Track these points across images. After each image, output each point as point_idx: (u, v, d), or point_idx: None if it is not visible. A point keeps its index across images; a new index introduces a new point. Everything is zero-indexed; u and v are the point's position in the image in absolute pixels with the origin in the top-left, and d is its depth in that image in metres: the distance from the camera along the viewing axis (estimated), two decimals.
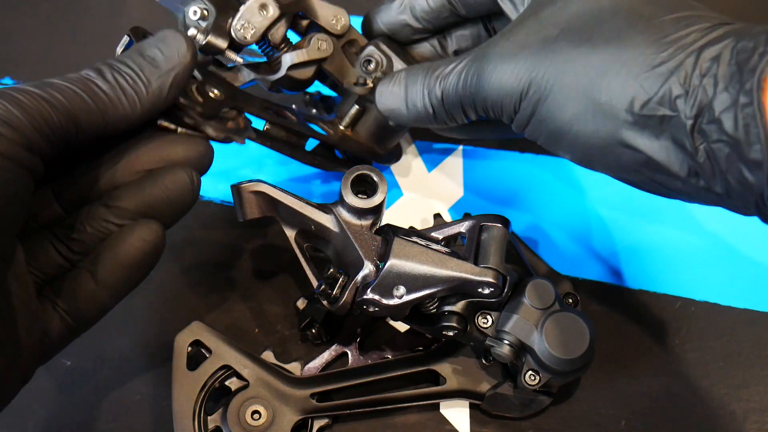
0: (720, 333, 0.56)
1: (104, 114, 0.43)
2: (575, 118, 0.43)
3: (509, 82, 0.45)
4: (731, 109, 0.38)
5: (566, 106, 0.43)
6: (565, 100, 0.43)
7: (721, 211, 0.59)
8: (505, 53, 0.45)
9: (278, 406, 0.50)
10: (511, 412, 0.52)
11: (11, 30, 0.69)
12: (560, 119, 0.44)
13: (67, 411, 0.53)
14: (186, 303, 0.57)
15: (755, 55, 0.37)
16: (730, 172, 0.39)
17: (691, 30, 0.40)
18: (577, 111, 0.43)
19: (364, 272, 0.47)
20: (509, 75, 0.45)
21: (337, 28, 0.56)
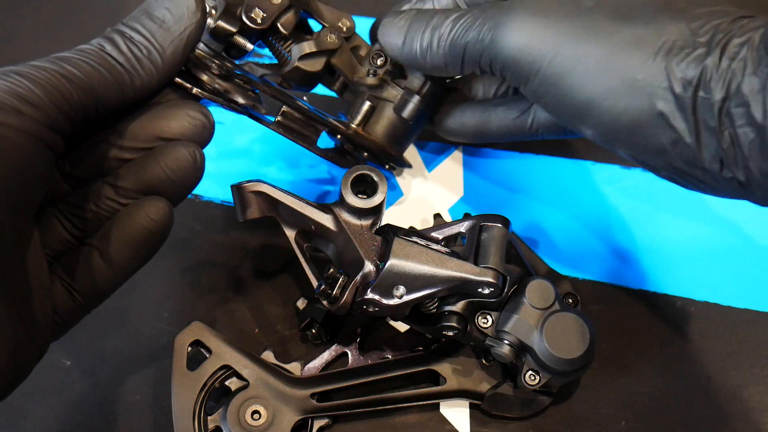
0: (720, 333, 0.56)
1: (122, 86, 0.42)
2: (608, 93, 0.43)
3: (534, 44, 0.44)
4: (760, 93, 0.38)
5: (598, 80, 0.43)
6: (597, 73, 0.43)
7: (722, 211, 0.60)
8: (533, 11, 0.45)
9: (278, 406, 0.50)
10: (511, 412, 0.52)
11: (11, 30, 0.69)
12: (590, 92, 0.43)
13: (66, 411, 0.53)
14: (186, 303, 0.57)
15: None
16: (752, 159, 0.39)
17: (723, 20, 0.41)
18: (611, 86, 0.43)
19: (364, 272, 0.47)
20: (535, 36, 0.44)
21: (344, 30, 0.56)
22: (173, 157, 0.44)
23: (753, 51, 0.39)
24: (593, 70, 0.43)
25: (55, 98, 0.39)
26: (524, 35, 0.45)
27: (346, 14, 0.56)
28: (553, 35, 0.44)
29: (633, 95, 0.42)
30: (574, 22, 0.44)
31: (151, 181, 0.44)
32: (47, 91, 0.39)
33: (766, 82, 0.38)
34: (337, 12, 0.56)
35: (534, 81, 0.45)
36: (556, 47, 0.44)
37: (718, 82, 0.40)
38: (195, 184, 0.46)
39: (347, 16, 0.56)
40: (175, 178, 0.44)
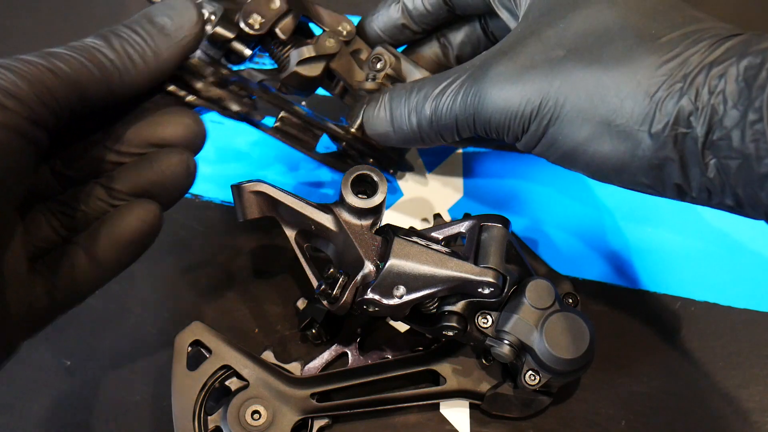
0: (720, 333, 0.56)
1: (110, 84, 0.42)
2: (591, 139, 0.43)
3: (516, 103, 0.45)
4: (740, 125, 0.38)
5: (581, 128, 0.43)
6: (578, 121, 0.43)
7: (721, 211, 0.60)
8: (509, 73, 0.45)
9: (278, 406, 0.50)
10: (511, 412, 0.51)
11: (11, 30, 0.69)
12: (574, 140, 0.44)
13: (66, 411, 0.53)
14: (186, 303, 0.57)
15: (763, 71, 0.38)
16: (740, 186, 0.39)
17: (699, 47, 0.40)
18: (593, 132, 0.43)
19: (364, 272, 0.47)
20: (516, 96, 0.45)
21: (344, 34, 0.56)
22: (167, 163, 0.45)
23: (732, 84, 0.38)
24: (574, 119, 0.43)
25: (40, 92, 0.39)
26: (505, 99, 0.45)
27: (346, 18, 0.56)
28: (533, 92, 0.44)
29: (615, 140, 0.42)
30: (549, 74, 0.44)
31: (144, 185, 0.45)
32: (32, 84, 0.39)
33: (747, 114, 0.38)
34: (337, 16, 0.56)
35: (524, 137, 0.46)
36: (536, 102, 0.44)
37: (699, 118, 0.39)
38: (185, 191, 0.47)
39: (347, 19, 0.56)
40: (168, 184, 0.45)
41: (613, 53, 0.42)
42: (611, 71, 0.42)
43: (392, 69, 0.55)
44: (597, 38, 0.43)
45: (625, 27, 0.43)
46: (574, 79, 0.43)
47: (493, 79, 0.46)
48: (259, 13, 0.53)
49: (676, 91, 0.40)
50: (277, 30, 0.54)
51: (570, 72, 0.43)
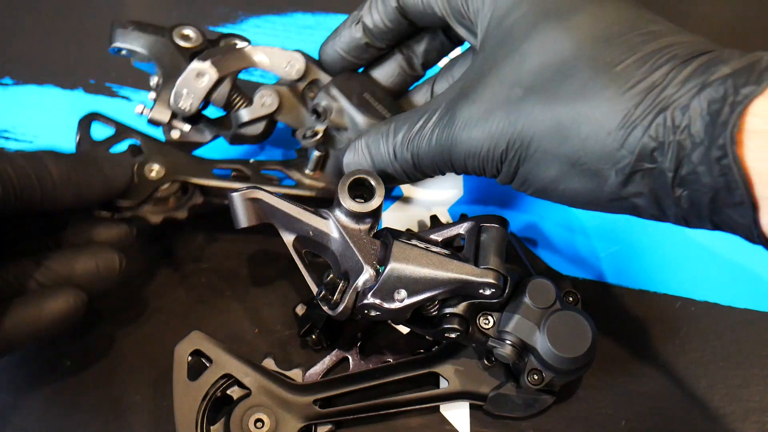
0: (720, 333, 0.56)
1: (43, 194, 0.46)
2: (560, 177, 0.43)
3: (485, 147, 0.44)
4: (706, 162, 0.37)
5: (549, 167, 0.43)
6: (546, 161, 0.43)
7: None
8: (474, 118, 0.45)
9: (281, 414, 0.50)
10: (514, 412, 0.51)
11: (11, 30, 0.69)
12: (544, 179, 0.44)
13: (66, 411, 0.53)
14: (184, 308, 0.57)
15: (725, 107, 0.37)
16: (716, 215, 0.39)
17: (658, 74, 0.39)
18: (561, 170, 0.42)
19: (364, 277, 0.47)
20: (484, 140, 0.44)
21: (293, 74, 0.56)
22: (104, 258, 0.50)
23: (697, 120, 0.37)
24: (541, 159, 0.43)
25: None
26: (474, 144, 0.45)
27: (296, 55, 0.56)
28: (498, 135, 0.44)
29: (582, 178, 0.42)
30: (510, 117, 0.43)
31: (77, 271, 0.49)
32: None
33: (711, 152, 0.37)
34: (287, 54, 0.55)
35: (500, 176, 0.46)
36: (503, 145, 0.44)
37: (665, 153, 0.38)
38: (111, 287, 0.51)
39: (296, 56, 0.56)
40: (100, 276, 0.49)
41: (569, 89, 0.41)
42: (569, 109, 0.41)
43: (331, 121, 0.55)
44: (553, 73, 0.42)
45: (579, 57, 0.41)
46: (535, 120, 0.42)
47: (459, 125, 0.45)
48: (189, 92, 0.54)
49: (638, 127, 0.39)
50: (211, 100, 0.55)
51: (530, 112, 0.42)
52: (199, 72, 0.54)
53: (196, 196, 0.57)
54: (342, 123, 0.55)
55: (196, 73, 0.54)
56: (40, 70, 0.67)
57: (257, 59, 0.56)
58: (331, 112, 0.55)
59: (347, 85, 0.56)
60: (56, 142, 0.58)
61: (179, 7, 0.69)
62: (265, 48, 0.56)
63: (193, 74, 0.54)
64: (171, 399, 0.50)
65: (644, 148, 0.39)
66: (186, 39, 0.56)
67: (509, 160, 0.44)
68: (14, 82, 0.67)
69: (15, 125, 0.65)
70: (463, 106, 0.46)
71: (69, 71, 0.67)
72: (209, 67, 0.54)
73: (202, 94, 0.55)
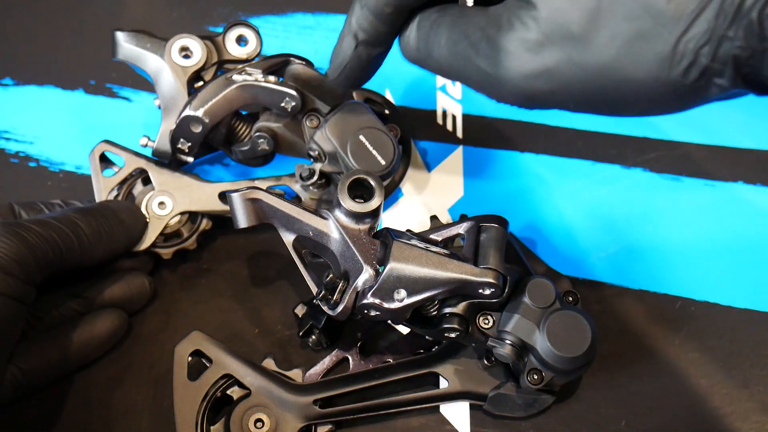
0: (720, 333, 0.56)
1: (82, 253, 0.50)
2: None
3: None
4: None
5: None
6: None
7: (722, 211, 0.60)
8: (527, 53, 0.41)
9: (281, 414, 0.50)
10: (514, 412, 0.51)
11: (11, 30, 0.69)
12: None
13: (66, 411, 0.53)
14: (184, 308, 0.57)
15: None
16: None
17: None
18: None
19: (364, 277, 0.47)
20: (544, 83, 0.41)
21: (288, 111, 0.55)
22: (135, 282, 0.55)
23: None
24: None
25: (38, 258, 0.47)
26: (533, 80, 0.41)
27: (292, 91, 0.54)
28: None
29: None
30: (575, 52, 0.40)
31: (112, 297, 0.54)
32: (33, 252, 0.47)
33: None
34: (282, 91, 0.54)
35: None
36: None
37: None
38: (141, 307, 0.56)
39: (292, 94, 0.54)
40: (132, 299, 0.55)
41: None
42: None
43: (325, 167, 0.56)
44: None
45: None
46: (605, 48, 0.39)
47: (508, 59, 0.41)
48: (184, 138, 0.55)
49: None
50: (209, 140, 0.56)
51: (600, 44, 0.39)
52: (192, 121, 0.54)
53: (204, 224, 0.57)
54: (336, 169, 0.56)
55: (190, 122, 0.54)
56: (41, 71, 0.67)
57: (251, 98, 0.55)
58: (325, 158, 0.55)
59: (342, 125, 0.55)
60: (57, 143, 0.58)
61: (179, 7, 0.69)
62: (258, 85, 0.54)
63: (187, 123, 0.54)
64: (171, 399, 0.50)
65: (738, 60, 0.36)
66: (186, 53, 0.56)
67: (574, 91, 0.41)
68: (15, 82, 0.67)
69: (15, 126, 0.65)
70: (508, 39, 0.41)
71: (69, 72, 0.66)
72: (202, 117, 0.54)
73: (198, 140, 0.55)
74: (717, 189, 0.61)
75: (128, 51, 0.56)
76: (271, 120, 0.56)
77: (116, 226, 0.53)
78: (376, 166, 0.54)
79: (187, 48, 0.56)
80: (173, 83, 0.55)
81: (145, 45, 0.56)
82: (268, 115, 0.57)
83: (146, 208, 0.56)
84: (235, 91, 0.54)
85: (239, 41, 0.58)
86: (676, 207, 0.60)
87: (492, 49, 0.42)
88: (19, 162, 0.63)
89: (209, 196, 0.57)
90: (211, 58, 0.57)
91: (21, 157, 0.63)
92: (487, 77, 0.43)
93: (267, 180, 0.58)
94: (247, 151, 0.57)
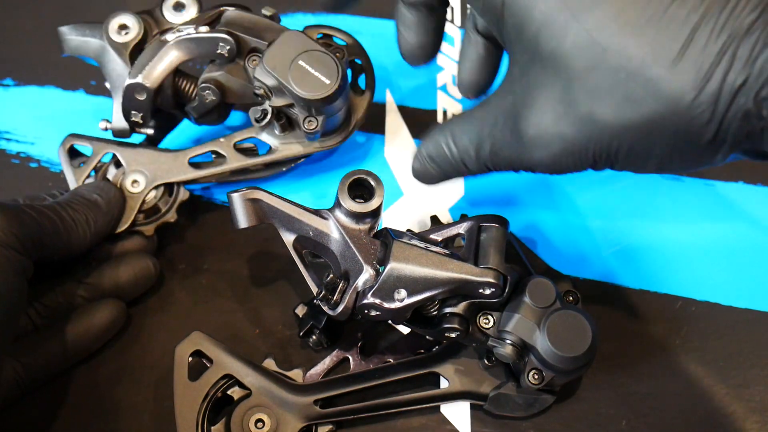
0: (721, 333, 0.56)
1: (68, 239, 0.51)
2: (662, 166, 0.41)
3: (567, 163, 0.42)
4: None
5: (646, 164, 0.41)
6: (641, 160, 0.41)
7: (722, 211, 0.60)
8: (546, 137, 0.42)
9: (282, 414, 0.50)
10: (515, 412, 0.51)
11: (12, 31, 0.69)
12: (646, 169, 0.42)
13: (66, 411, 0.53)
14: (184, 308, 0.57)
15: None
16: None
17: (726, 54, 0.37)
18: (661, 162, 0.41)
19: (364, 277, 0.47)
20: (565, 158, 0.42)
21: (226, 56, 0.55)
22: (140, 265, 0.55)
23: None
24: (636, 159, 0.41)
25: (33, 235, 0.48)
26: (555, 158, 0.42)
27: (221, 34, 0.54)
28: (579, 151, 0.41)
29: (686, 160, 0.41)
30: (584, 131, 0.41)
31: (118, 282, 0.54)
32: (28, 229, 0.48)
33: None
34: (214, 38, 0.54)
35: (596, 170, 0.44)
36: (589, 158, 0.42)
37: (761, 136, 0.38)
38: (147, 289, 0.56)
39: (222, 36, 0.54)
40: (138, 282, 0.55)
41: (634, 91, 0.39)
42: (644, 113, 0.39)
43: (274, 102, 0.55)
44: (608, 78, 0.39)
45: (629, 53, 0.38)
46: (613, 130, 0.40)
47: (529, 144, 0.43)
48: (134, 110, 0.56)
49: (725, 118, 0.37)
50: (158, 105, 0.57)
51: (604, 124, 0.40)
52: (135, 89, 0.54)
53: (181, 194, 0.57)
54: (286, 101, 0.54)
55: (134, 91, 0.54)
56: (41, 72, 0.67)
57: (187, 52, 0.55)
58: (271, 93, 0.54)
59: (279, 56, 0.54)
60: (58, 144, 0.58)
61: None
62: (191, 37, 0.54)
63: (131, 92, 0.55)
64: (172, 399, 0.50)
65: (737, 137, 0.38)
66: (123, 30, 0.56)
67: (601, 165, 0.42)
68: (15, 83, 0.67)
69: (16, 126, 0.65)
70: (528, 129, 0.42)
71: (70, 73, 0.67)
72: (142, 82, 0.54)
73: (148, 108, 0.55)
74: (717, 189, 0.61)
75: (71, 43, 0.57)
76: (213, 70, 0.56)
77: (94, 210, 0.53)
78: (321, 87, 0.53)
79: (124, 25, 0.56)
80: (117, 61, 0.56)
81: (84, 32, 0.57)
82: (210, 67, 0.56)
83: (120, 188, 0.56)
84: (170, 49, 0.55)
85: (176, 9, 0.58)
86: (676, 207, 0.60)
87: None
88: (20, 163, 0.63)
89: (180, 164, 0.57)
90: (151, 30, 0.57)
91: (22, 157, 0.64)
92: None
93: (233, 136, 0.58)
94: (198, 107, 0.56)
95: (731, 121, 0.37)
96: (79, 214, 0.52)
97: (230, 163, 0.57)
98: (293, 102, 0.54)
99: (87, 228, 0.52)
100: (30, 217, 0.49)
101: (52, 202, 0.52)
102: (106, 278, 0.54)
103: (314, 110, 0.54)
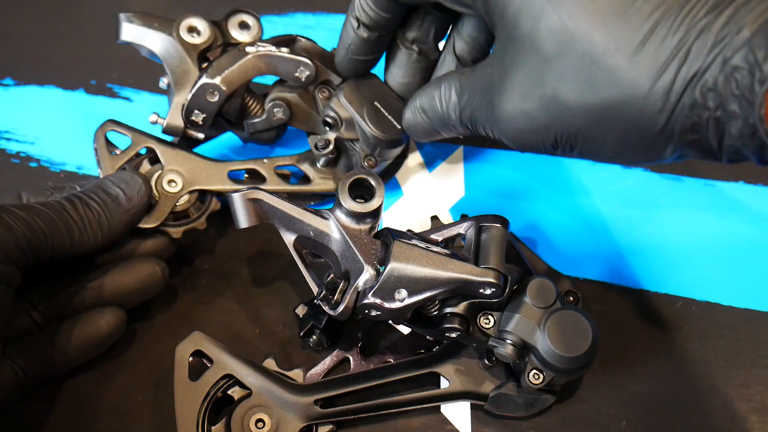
0: (721, 333, 0.56)
1: (71, 240, 0.50)
2: (615, 156, 0.45)
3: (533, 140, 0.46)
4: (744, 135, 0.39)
5: (601, 150, 0.44)
6: (596, 146, 0.44)
7: (722, 211, 0.60)
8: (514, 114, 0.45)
9: (282, 414, 0.50)
10: (515, 412, 0.51)
11: (11, 30, 0.70)
12: (600, 157, 0.45)
13: (67, 411, 0.53)
14: (185, 312, 0.57)
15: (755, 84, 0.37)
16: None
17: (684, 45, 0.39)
18: (614, 151, 0.44)
19: (365, 277, 0.47)
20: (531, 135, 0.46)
21: (302, 80, 0.56)
22: (147, 271, 0.53)
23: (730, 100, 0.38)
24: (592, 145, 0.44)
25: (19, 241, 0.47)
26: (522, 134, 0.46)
27: (304, 60, 0.56)
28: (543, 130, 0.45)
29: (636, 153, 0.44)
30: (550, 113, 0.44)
31: (123, 287, 0.53)
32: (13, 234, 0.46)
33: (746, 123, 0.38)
34: (295, 60, 0.56)
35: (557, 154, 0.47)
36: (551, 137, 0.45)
37: (707, 129, 0.40)
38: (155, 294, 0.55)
39: (305, 62, 0.56)
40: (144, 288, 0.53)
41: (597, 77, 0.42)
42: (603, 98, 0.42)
43: (342, 134, 0.57)
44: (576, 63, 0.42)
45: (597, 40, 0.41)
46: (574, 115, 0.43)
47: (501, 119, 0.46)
48: (199, 109, 0.55)
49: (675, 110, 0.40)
50: (223, 112, 0.56)
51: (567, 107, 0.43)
52: (209, 89, 0.54)
53: (213, 204, 0.57)
54: (352, 135, 0.57)
55: (206, 90, 0.54)
56: (41, 71, 0.67)
57: (266, 68, 0.56)
58: (341, 124, 0.57)
59: (357, 93, 0.57)
60: (58, 143, 0.58)
61: (180, 7, 0.69)
62: (274, 54, 0.56)
63: (203, 91, 0.54)
64: (172, 399, 0.50)
65: (684, 127, 0.40)
66: (194, 32, 0.56)
67: (561, 147, 0.45)
68: (15, 82, 0.67)
69: (16, 126, 0.65)
70: (499, 102, 0.46)
71: (70, 72, 0.67)
72: (219, 84, 0.54)
73: (214, 110, 0.55)
74: (717, 189, 0.61)
75: (134, 31, 0.56)
76: (284, 91, 0.57)
77: (112, 208, 0.52)
78: (393, 130, 0.56)
79: (195, 27, 0.56)
80: (184, 59, 0.56)
81: (152, 24, 0.56)
82: (281, 87, 0.58)
83: (156, 185, 0.55)
84: (252, 60, 0.55)
85: (241, 27, 0.58)
86: (677, 207, 0.60)
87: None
88: (20, 162, 0.63)
89: (219, 174, 0.57)
90: (217, 40, 0.57)
91: (22, 157, 0.64)
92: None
93: (275, 160, 0.58)
94: (262, 122, 0.57)
95: (680, 111, 0.40)
96: (91, 212, 0.51)
97: (268, 184, 0.57)
98: (359, 137, 0.56)
99: (99, 228, 0.51)
100: (19, 221, 0.47)
101: (62, 198, 0.51)
102: (111, 284, 0.53)
103: (378, 150, 0.57)
